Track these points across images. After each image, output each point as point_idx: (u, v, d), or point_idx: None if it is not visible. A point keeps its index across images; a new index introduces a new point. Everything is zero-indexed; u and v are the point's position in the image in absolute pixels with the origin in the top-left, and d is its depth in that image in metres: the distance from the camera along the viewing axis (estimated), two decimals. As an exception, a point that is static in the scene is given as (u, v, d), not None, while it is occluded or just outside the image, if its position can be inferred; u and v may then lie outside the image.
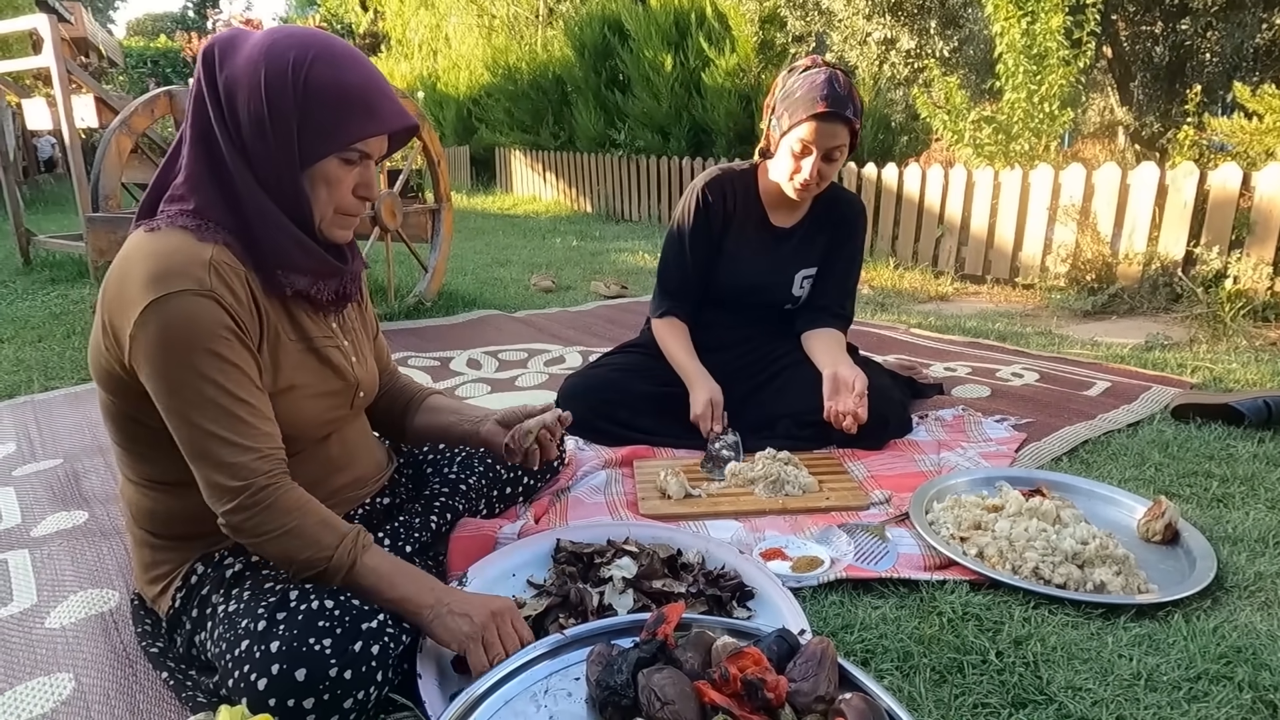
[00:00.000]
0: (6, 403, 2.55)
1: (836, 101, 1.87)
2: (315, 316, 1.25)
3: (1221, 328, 3.27)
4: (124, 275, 1.07)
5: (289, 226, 1.14)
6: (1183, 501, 1.74)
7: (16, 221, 4.92)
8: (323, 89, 1.08)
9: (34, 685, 1.21)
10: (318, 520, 1.11)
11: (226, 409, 1.06)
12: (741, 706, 0.98)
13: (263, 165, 1.11)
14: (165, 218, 1.12)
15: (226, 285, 1.08)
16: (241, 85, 1.08)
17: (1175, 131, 4.51)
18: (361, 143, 1.13)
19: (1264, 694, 1.12)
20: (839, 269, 2.21)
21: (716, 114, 7.33)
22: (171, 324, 1.03)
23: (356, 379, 1.31)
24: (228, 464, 1.06)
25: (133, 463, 1.21)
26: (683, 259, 2.16)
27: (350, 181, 1.16)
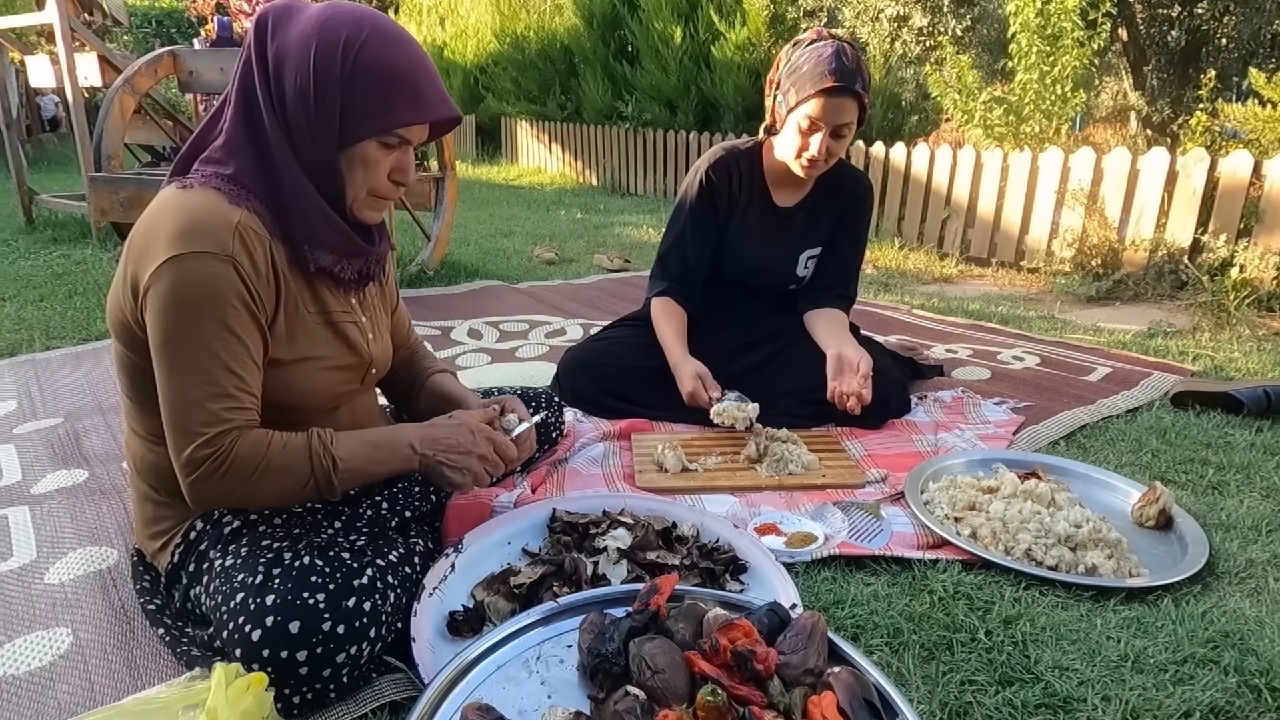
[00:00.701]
0: (8, 361, 2.56)
1: (845, 75, 1.84)
2: (336, 291, 1.25)
3: (1225, 316, 3.26)
4: (151, 227, 1.08)
5: (320, 203, 1.14)
6: (1178, 488, 1.75)
7: (19, 180, 4.90)
8: (371, 71, 1.08)
9: (33, 639, 1.23)
10: (280, 448, 1.10)
11: (215, 379, 1.06)
12: (731, 677, 0.99)
13: (302, 140, 1.11)
14: (199, 176, 1.12)
15: (248, 253, 1.08)
16: (291, 57, 1.09)
17: (1187, 117, 4.47)
18: (404, 129, 1.13)
19: (1249, 678, 1.13)
20: (844, 249, 2.20)
21: (725, 88, 7.26)
22: (186, 283, 1.04)
23: (371, 356, 1.32)
24: (199, 433, 1.06)
25: (142, 417, 1.21)
26: (685, 241, 2.13)
27: (387, 165, 1.16)
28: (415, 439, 1.21)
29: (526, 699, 1.04)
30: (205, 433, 1.06)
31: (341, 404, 1.32)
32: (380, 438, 1.21)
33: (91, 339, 2.77)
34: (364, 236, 1.24)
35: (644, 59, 7.89)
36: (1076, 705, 1.08)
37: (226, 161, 1.13)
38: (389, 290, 1.44)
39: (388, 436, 1.21)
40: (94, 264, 3.90)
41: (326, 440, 1.14)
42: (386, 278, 1.42)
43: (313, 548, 1.13)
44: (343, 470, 1.14)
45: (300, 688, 1.01)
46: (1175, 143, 5.38)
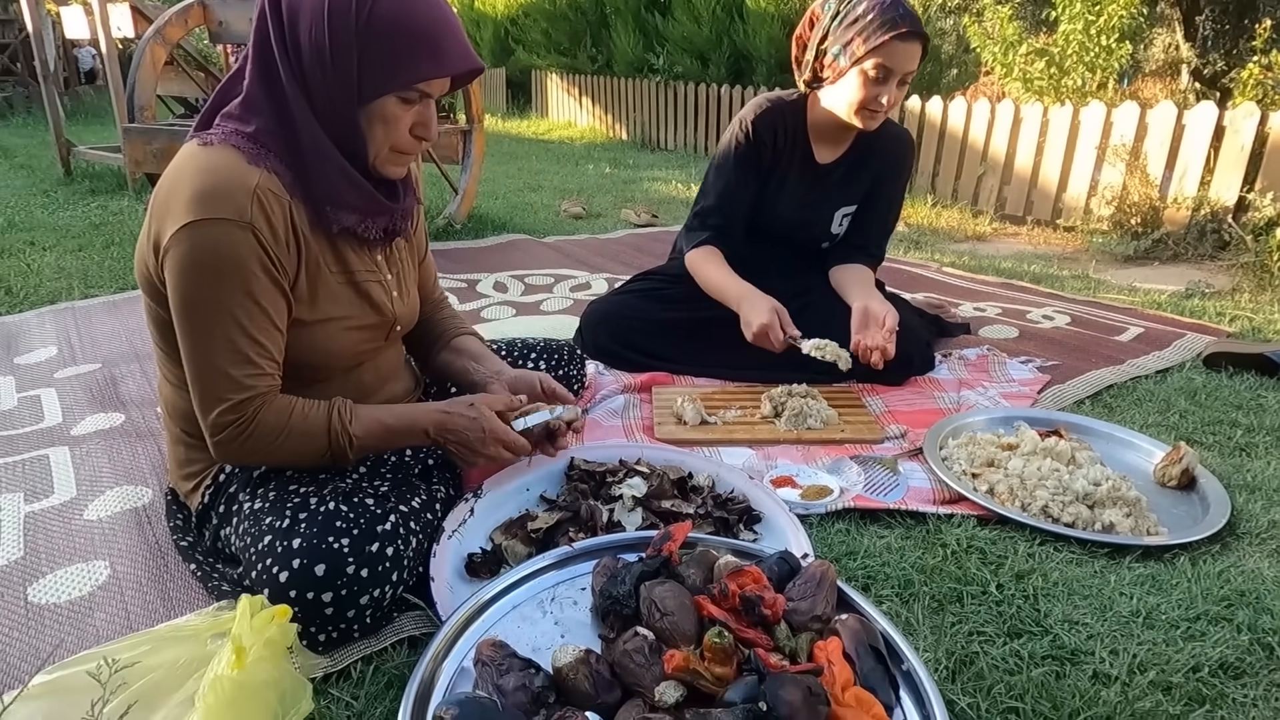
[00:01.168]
0: (49, 308, 2.63)
1: (913, 19, 1.80)
2: (359, 250, 1.24)
3: (1268, 277, 3.17)
4: (172, 186, 1.08)
5: (341, 162, 1.13)
6: (1205, 449, 1.72)
7: (57, 132, 4.98)
8: (387, 24, 1.05)
9: (73, 570, 1.28)
10: (301, 417, 1.14)
11: (237, 346, 1.08)
12: (739, 621, 1.01)
13: (320, 96, 1.09)
14: (220, 133, 1.11)
15: (266, 216, 1.07)
16: (305, 11, 1.06)
17: (1240, 70, 4.29)
18: (424, 83, 1.11)
19: (1261, 636, 1.13)
20: (879, 208, 2.17)
21: (758, 40, 7.09)
22: (205, 251, 1.04)
23: (395, 314, 1.31)
24: (224, 399, 1.09)
25: (173, 366, 1.24)
26: (727, 193, 2.07)
27: (408, 120, 1.13)
28: (430, 424, 1.23)
29: (540, 637, 1.08)
30: (230, 398, 1.09)
31: (365, 360, 1.33)
32: (397, 420, 1.23)
33: (128, 288, 2.83)
34: (389, 192, 1.23)
35: (676, 10, 7.72)
36: (1083, 657, 1.09)
37: (247, 118, 1.12)
38: (418, 243, 1.43)
39: (404, 419, 1.23)
40: (130, 214, 3.97)
41: (346, 418, 1.16)
42: (416, 230, 1.40)
43: (338, 493, 1.15)
44: (358, 448, 1.18)
45: (326, 627, 1.05)
46: (1226, 97, 5.17)
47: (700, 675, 0.92)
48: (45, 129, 5.84)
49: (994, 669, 1.07)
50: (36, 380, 2.07)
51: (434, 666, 1.00)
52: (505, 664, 0.95)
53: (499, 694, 0.92)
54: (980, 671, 1.06)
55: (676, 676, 0.92)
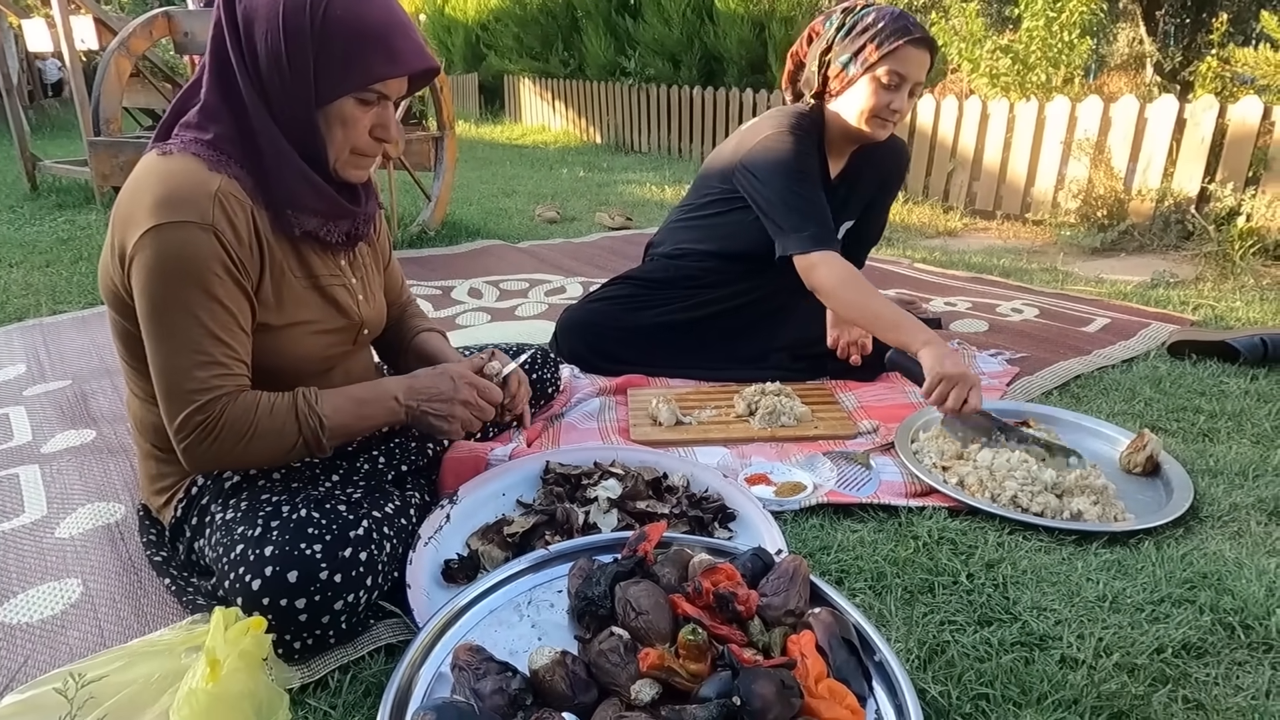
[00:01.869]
0: (16, 325, 2.59)
1: (921, 27, 1.82)
2: (323, 254, 1.24)
3: (1230, 266, 3.24)
4: (133, 196, 1.08)
5: (301, 166, 1.13)
6: (1169, 435, 1.76)
7: (22, 146, 4.90)
8: (341, 26, 1.06)
9: (45, 589, 1.27)
10: (267, 411, 1.13)
11: (203, 348, 1.08)
12: (713, 617, 1.03)
13: (278, 101, 1.10)
14: (179, 143, 1.12)
15: (229, 220, 1.08)
16: (260, 16, 1.07)
17: (1198, 64, 4.38)
18: (380, 84, 1.11)
19: (1223, 616, 1.16)
20: (872, 219, 2.18)
21: (729, 41, 7.14)
22: (168, 253, 1.05)
23: (361, 318, 1.32)
24: (191, 399, 1.08)
25: (140, 380, 1.23)
26: (820, 202, 1.90)
27: (367, 122, 1.14)
28: (399, 390, 1.24)
29: (517, 640, 1.08)
30: (196, 400, 1.08)
31: (335, 365, 1.33)
32: (365, 392, 1.23)
33: (97, 303, 2.80)
34: (350, 197, 1.23)
35: (646, 12, 7.76)
36: (1051, 643, 1.11)
37: (205, 126, 1.12)
38: (381, 248, 1.44)
39: (372, 390, 1.23)
40: (98, 229, 3.92)
41: (312, 399, 1.16)
42: (378, 235, 1.41)
43: (310, 501, 1.15)
44: (330, 427, 1.16)
45: (300, 634, 1.05)
46: (1188, 90, 5.27)
47: (675, 672, 0.93)
48: (9, 144, 5.75)
49: (964, 657, 1.09)
50: (5, 398, 2.05)
51: (411, 673, 1.00)
52: (482, 668, 0.96)
53: (476, 698, 0.93)
54: (951, 660, 1.08)
55: (652, 674, 0.93)
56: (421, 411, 1.24)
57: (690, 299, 2.10)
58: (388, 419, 1.23)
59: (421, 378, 1.27)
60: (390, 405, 1.23)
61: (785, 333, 2.09)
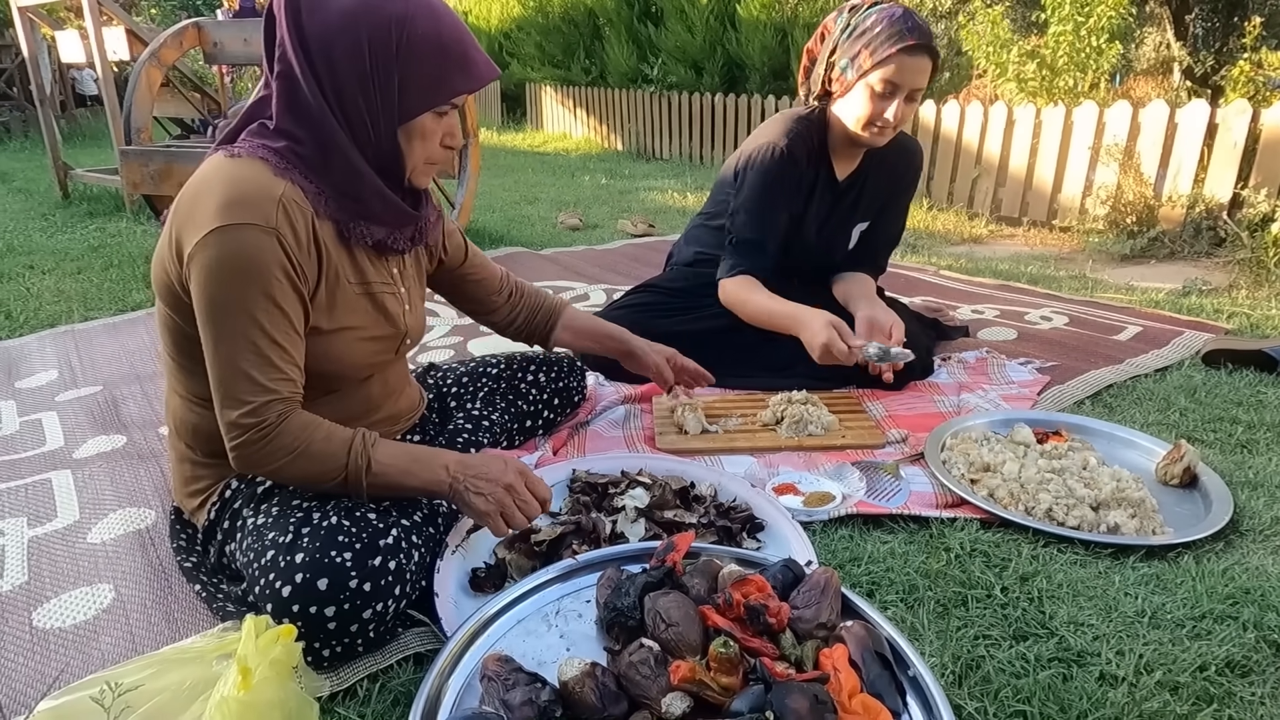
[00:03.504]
0: (49, 332, 2.63)
1: (922, 33, 1.76)
2: (377, 261, 1.27)
3: (1264, 273, 3.18)
4: (197, 194, 1.10)
5: (377, 183, 1.17)
6: (1206, 447, 1.73)
7: (54, 155, 4.99)
8: (424, 46, 1.10)
9: (77, 594, 1.28)
10: (323, 436, 1.13)
11: (260, 350, 1.09)
12: (744, 630, 1.01)
13: (360, 122, 1.13)
14: (247, 146, 1.14)
15: (291, 225, 1.10)
16: (340, 40, 1.08)
17: (1230, 68, 4.31)
18: (458, 96, 1.16)
19: (1268, 634, 1.13)
20: (889, 221, 2.16)
21: (751, 48, 7.13)
22: (231, 254, 1.06)
23: (406, 327, 1.34)
24: (245, 401, 1.09)
25: (183, 378, 1.24)
26: (764, 221, 1.98)
27: (440, 132, 1.18)
28: (451, 461, 1.19)
29: (545, 651, 1.08)
30: (251, 401, 1.09)
31: (375, 373, 1.35)
32: (420, 452, 1.21)
33: (128, 309, 2.84)
34: (413, 203, 1.27)
35: (668, 19, 7.77)
36: (1089, 659, 1.09)
37: (275, 137, 1.14)
38: (453, 246, 1.51)
39: (427, 453, 1.21)
40: (128, 236, 3.98)
41: (369, 442, 1.15)
42: (442, 235, 1.46)
43: (340, 508, 1.15)
44: (374, 473, 1.14)
45: (329, 642, 1.05)
46: (1218, 95, 5.20)
47: (706, 686, 0.92)
48: (42, 153, 5.86)
49: (1000, 672, 1.07)
50: (38, 404, 2.08)
51: (440, 683, 0.99)
52: (511, 679, 0.95)
53: (505, 709, 0.92)
54: (987, 675, 1.06)
55: (683, 687, 0.92)
56: (464, 487, 1.17)
57: (711, 307, 2.09)
58: (432, 482, 1.17)
59: (477, 457, 1.23)
60: (439, 474, 1.17)
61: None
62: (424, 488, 1.18)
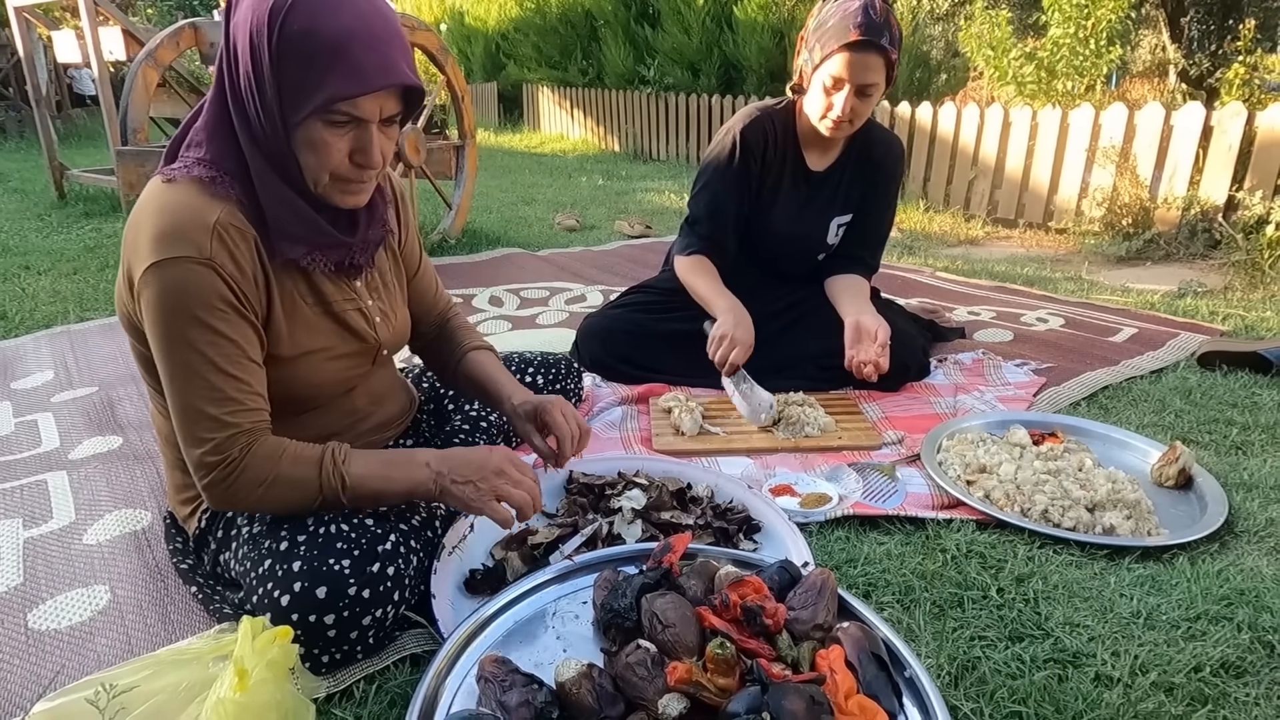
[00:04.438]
0: (44, 332, 2.63)
1: (871, 29, 1.76)
2: (336, 279, 1.20)
3: (1259, 275, 3.19)
4: (138, 224, 1.05)
5: (284, 190, 1.08)
6: (1200, 448, 1.73)
7: (50, 156, 4.98)
8: (296, 43, 0.98)
9: (73, 595, 1.28)
10: (290, 460, 1.09)
11: (213, 385, 1.05)
12: (740, 631, 1.01)
13: (256, 122, 1.04)
14: (182, 167, 1.08)
15: (229, 252, 1.04)
16: (239, 35, 1.02)
17: (1225, 70, 4.32)
18: (346, 104, 1.01)
19: (1262, 634, 1.13)
20: (873, 216, 2.16)
21: (748, 50, 7.13)
22: (168, 290, 1.02)
23: (378, 340, 1.27)
24: (206, 439, 1.05)
25: (159, 398, 1.22)
26: (715, 203, 2.05)
27: (343, 146, 1.05)
28: (431, 458, 1.15)
29: (542, 652, 1.08)
30: (211, 438, 1.05)
31: (355, 385, 1.30)
32: (396, 455, 1.17)
33: (123, 310, 2.83)
34: (347, 224, 1.17)
35: (665, 21, 7.77)
36: (1085, 660, 1.09)
37: (205, 145, 1.08)
38: (407, 257, 1.39)
39: (404, 455, 1.17)
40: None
41: (339, 458, 1.11)
42: (403, 246, 1.37)
43: (338, 514, 1.13)
44: (352, 489, 1.10)
45: (329, 648, 1.05)
46: (1213, 97, 5.21)
47: (703, 687, 0.92)
48: (38, 153, 5.85)
49: (996, 674, 1.07)
50: (33, 405, 2.07)
51: (436, 684, 0.99)
52: (508, 680, 0.95)
53: (502, 711, 0.92)
54: (983, 676, 1.07)
55: (679, 689, 0.92)
56: (450, 480, 1.13)
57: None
58: (415, 487, 1.14)
59: (457, 449, 1.19)
60: (419, 474, 1.13)
61: (810, 343, 2.08)
62: (407, 491, 1.14)
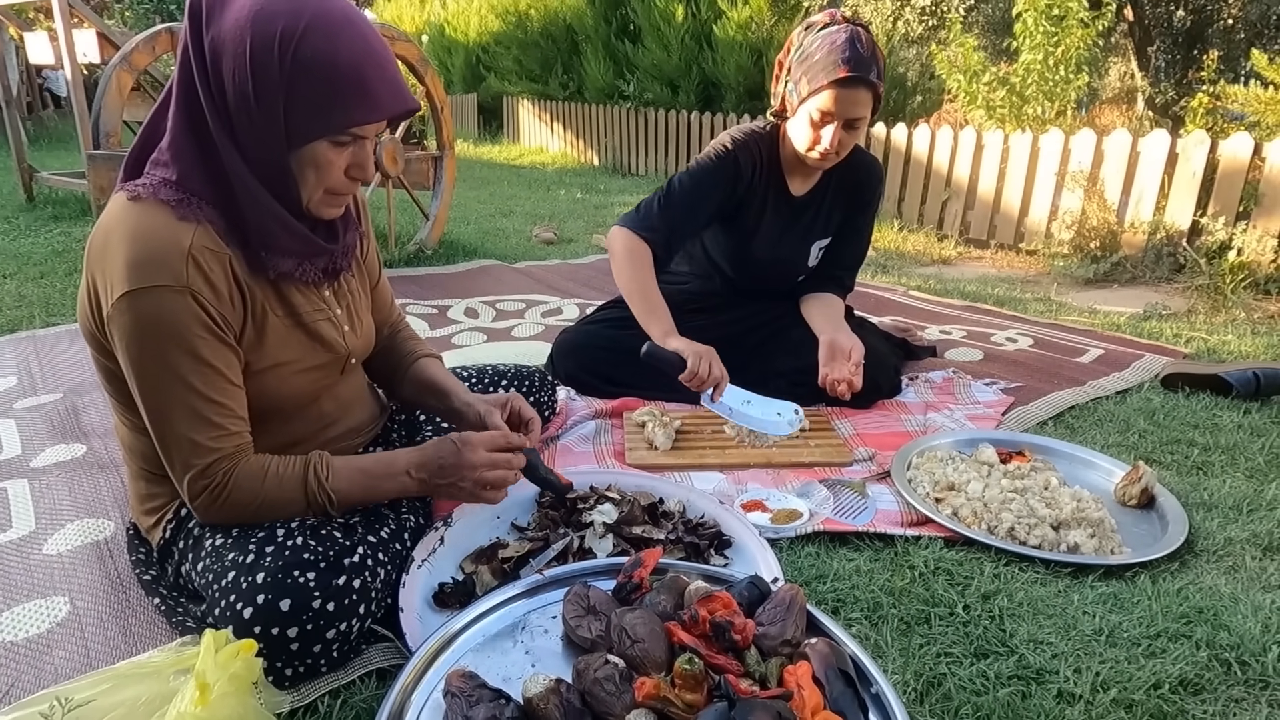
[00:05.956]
0: (8, 337, 2.58)
1: (860, 64, 1.77)
2: (305, 290, 1.20)
3: (1221, 299, 3.26)
4: (106, 244, 1.04)
5: (274, 207, 1.08)
6: (1163, 468, 1.77)
7: (19, 157, 4.90)
8: (313, 68, 1.00)
9: (31, 607, 1.25)
10: (276, 482, 1.12)
11: (197, 411, 1.06)
12: (709, 647, 1.02)
13: (248, 142, 1.04)
14: (148, 186, 1.06)
15: (206, 277, 1.04)
16: (227, 51, 1.00)
17: (1190, 99, 4.44)
18: (356, 128, 1.06)
19: (1219, 652, 1.15)
20: (852, 239, 2.19)
21: (727, 68, 7.21)
22: (147, 320, 1.01)
23: (348, 349, 1.28)
24: (191, 464, 1.08)
25: (122, 409, 1.21)
26: (695, 196, 1.99)
27: (342, 163, 1.09)
28: (411, 465, 1.21)
29: (511, 667, 1.07)
30: (197, 464, 1.07)
31: (323, 393, 1.30)
32: (375, 465, 1.21)
33: (91, 316, 2.78)
34: (326, 233, 1.19)
35: (646, 38, 7.84)
36: (1048, 676, 1.11)
37: (171, 164, 1.06)
38: (369, 269, 1.39)
39: (383, 465, 1.22)
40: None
41: (323, 475, 1.15)
42: (365, 255, 1.37)
43: (305, 526, 1.13)
44: (339, 503, 1.16)
45: (292, 662, 1.03)
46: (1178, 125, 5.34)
47: (671, 702, 0.92)
48: (7, 154, 5.74)
49: (961, 690, 1.08)
50: (-5, 411, 2.03)
51: (403, 699, 0.99)
52: (475, 695, 0.95)
53: (469, 726, 0.91)
54: (948, 693, 1.08)
55: (647, 704, 0.92)
56: (434, 484, 1.21)
57: (683, 323, 2.09)
58: (399, 494, 1.22)
59: (429, 448, 1.23)
60: (402, 482, 1.21)
61: (782, 360, 2.09)
62: (394, 496, 1.23)
